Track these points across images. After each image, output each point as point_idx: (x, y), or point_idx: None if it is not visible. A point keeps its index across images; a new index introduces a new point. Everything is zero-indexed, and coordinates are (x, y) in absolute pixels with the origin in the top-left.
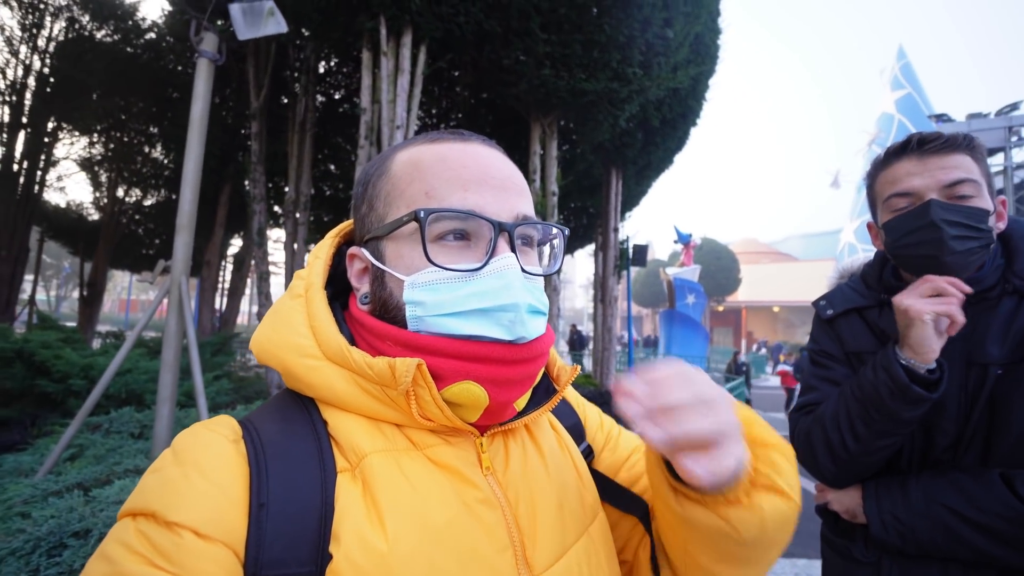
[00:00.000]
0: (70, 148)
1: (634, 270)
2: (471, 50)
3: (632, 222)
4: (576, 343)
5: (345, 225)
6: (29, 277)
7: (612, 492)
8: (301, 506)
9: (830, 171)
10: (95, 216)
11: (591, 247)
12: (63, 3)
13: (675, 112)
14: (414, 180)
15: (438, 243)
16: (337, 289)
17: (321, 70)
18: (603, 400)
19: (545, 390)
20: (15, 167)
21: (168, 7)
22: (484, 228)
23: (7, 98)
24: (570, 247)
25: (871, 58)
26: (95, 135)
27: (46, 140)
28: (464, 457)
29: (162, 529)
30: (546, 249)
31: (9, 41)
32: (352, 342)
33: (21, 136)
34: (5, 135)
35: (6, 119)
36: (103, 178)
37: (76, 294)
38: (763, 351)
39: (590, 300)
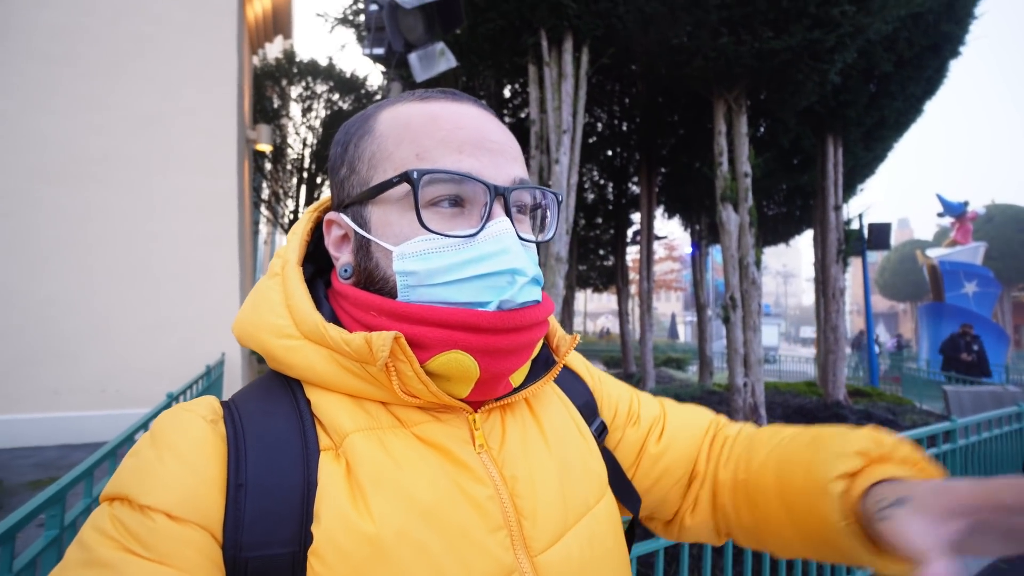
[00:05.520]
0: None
1: (879, 256)
2: (637, 38)
3: (867, 196)
4: None
5: (325, 200)
6: None
7: (615, 479)
8: (282, 486)
9: None
10: None
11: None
12: (324, 90)
13: (919, 46)
14: (403, 140)
15: (431, 209)
16: (322, 265)
17: (508, 94)
18: (829, 412)
19: (544, 362)
20: (300, 215)
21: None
22: (479, 192)
23: (295, 166)
24: (785, 235)
25: None
26: None
27: (316, 193)
28: (454, 434)
29: (136, 513)
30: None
31: (295, 127)
32: (334, 318)
33: (303, 191)
34: (293, 192)
35: (295, 181)
36: None
37: None
38: None
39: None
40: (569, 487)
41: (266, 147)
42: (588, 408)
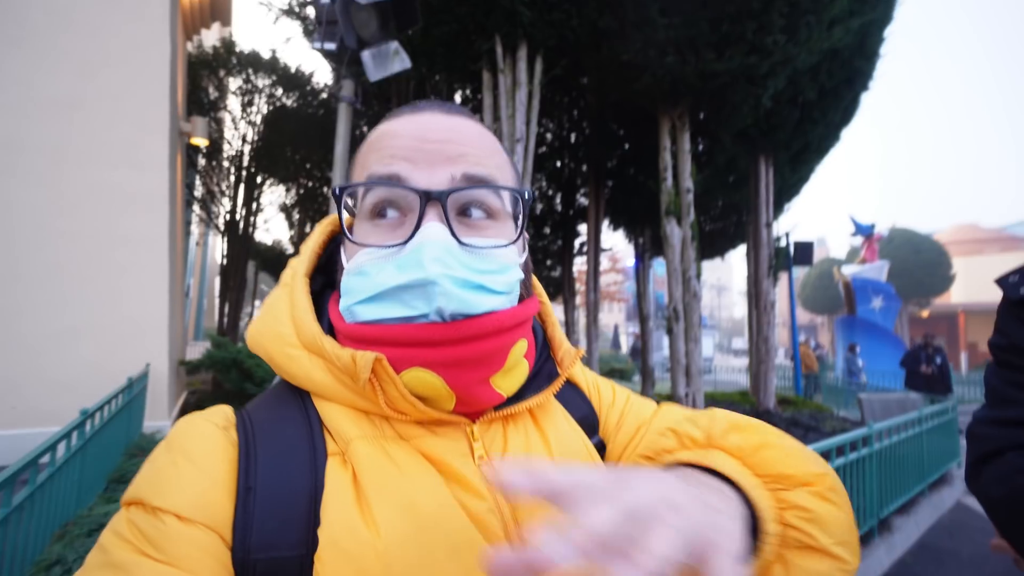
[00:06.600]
0: (272, 196)
1: (801, 271)
2: (589, 51)
3: (793, 215)
4: None
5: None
6: (256, 303)
7: None
8: (291, 489)
9: None
10: (291, 250)
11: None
12: (266, 84)
13: (837, 78)
14: (363, 156)
15: (372, 221)
16: (335, 278)
17: (458, 99)
18: (760, 420)
19: (548, 374)
20: (237, 216)
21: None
22: (411, 199)
23: (232, 163)
24: (721, 249)
25: None
26: (289, 184)
27: (255, 192)
28: (452, 448)
29: (149, 516)
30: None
31: (233, 121)
32: (332, 331)
33: (240, 190)
34: (230, 190)
35: (232, 179)
36: (295, 218)
37: None
38: None
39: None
40: None
41: (202, 141)
42: (586, 423)
